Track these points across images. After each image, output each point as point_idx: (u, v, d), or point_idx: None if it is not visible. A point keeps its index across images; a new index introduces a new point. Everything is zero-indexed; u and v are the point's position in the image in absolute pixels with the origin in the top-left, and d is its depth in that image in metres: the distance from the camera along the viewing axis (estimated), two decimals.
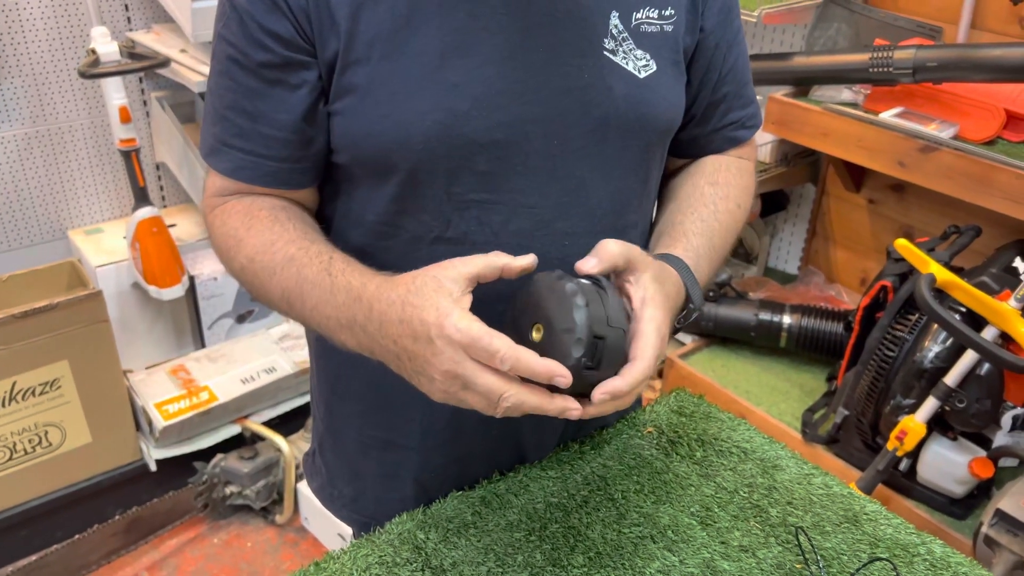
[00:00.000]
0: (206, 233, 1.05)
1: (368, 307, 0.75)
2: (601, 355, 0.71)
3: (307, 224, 0.88)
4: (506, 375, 0.69)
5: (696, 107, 0.97)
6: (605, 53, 0.84)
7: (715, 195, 0.97)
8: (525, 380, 0.70)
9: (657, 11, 0.87)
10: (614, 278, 0.78)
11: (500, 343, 0.68)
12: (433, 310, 0.70)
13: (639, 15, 0.86)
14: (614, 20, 0.85)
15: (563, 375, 0.69)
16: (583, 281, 0.74)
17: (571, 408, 0.71)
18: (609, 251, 0.76)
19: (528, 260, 0.74)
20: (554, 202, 0.86)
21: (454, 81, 0.80)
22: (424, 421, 0.98)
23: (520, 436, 1.01)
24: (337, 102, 0.82)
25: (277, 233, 0.84)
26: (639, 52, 0.86)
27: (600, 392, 0.71)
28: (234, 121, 0.84)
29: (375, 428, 1.01)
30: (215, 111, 0.86)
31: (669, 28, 0.88)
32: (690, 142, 1.01)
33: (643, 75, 0.86)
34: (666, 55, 0.88)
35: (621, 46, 0.85)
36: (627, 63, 0.85)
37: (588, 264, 0.75)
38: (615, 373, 0.72)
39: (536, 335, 0.73)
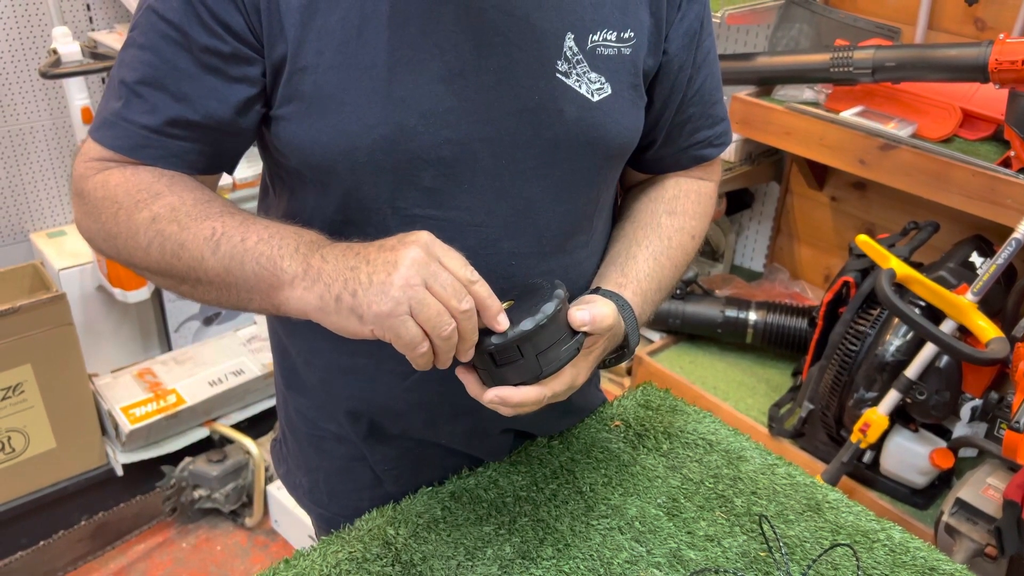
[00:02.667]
0: None
1: (341, 244, 0.74)
2: (505, 362, 0.76)
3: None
4: None
5: (659, 128, 0.96)
6: (558, 75, 0.83)
7: (671, 226, 0.97)
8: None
9: (616, 33, 0.86)
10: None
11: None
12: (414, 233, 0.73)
13: (596, 37, 0.85)
14: (569, 42, 0.83)
15: (504, 316, 0.74)
16: (572, 316, 0.79)
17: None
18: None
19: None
20: (501, 221, 0.86)
21: (401, 95, 0.79)
22: (372, 421, 0.99)
23: (470, 448, 1.02)
24: (283, 107, 0.81)
25: (211, 195, 0.81)
26: (593, 75, 0.85)
27: (492, 395, 0.77)
28: (148, 98, 0.79)
29: (327, 422, 1.02)
30: (123, 86, 0.80)
31: (627, 51, 0.87)
32: (655, 161, 1.00)
33: (596, 98, 0.85)
34: (624, 78, 0.87)
35: (575, 68, 0.84)
36: (580, 86, 0.84)
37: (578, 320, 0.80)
38: (516, 384, 0.77)
39: (504, 304, 0.79)
